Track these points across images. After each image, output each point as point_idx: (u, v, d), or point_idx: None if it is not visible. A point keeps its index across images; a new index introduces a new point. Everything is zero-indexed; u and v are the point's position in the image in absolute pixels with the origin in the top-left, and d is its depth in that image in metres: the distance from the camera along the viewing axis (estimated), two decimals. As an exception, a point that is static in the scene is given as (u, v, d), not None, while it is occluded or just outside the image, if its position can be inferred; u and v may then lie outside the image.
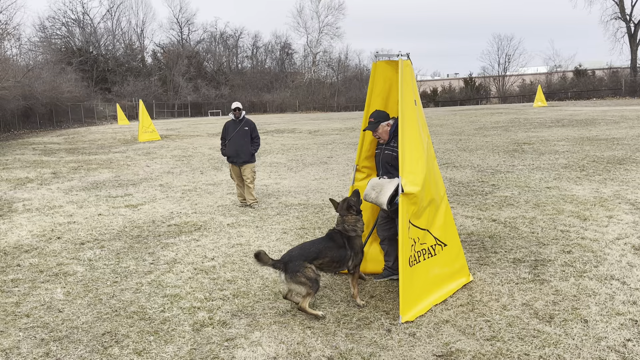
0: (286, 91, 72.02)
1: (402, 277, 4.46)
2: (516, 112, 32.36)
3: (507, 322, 4.33)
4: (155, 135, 25.00)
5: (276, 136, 24.60)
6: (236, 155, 9.24)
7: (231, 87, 70.89)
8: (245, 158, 9.26)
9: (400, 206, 4.51)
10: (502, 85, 73.76)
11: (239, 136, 9.26)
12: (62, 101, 42.93)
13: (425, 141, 5.11)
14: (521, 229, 7.07)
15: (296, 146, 19.61)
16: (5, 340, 4.34)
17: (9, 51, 45.92)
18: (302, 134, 25.14)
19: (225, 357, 3.96)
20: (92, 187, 12.01)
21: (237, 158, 9.25)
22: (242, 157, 9.24)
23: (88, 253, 6.79)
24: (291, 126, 31.57)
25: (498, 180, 10.60)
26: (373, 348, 4.00)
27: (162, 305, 5.01)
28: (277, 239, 7.15)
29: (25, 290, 5.53)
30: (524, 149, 15.23)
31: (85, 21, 67.07)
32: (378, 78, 5.20)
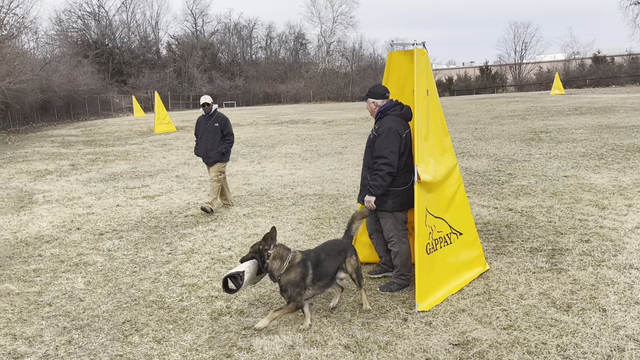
0: (300, 81, 71.86)
1: (418, 265, 4.46)
2: (533, 101, 31.96)
3: (524, 311, 4.32)
4: (171, 127, 25.17)
5: (290, 127, 24.62)
6: (205, 156, 8.35)
7: (245, 78, 70.97)
8: (215, 158, 8.26)
9: (416, 194, 4.50)
10: (519, 73, 72.84)
11: (208, 133, 8.30)
12: (79, 94, 43.37)
13: (439, 130, 5.09)
14: (538, 218, 7.01)
15: (311, 137, 19.61)
16: (28, 329, 4.44)
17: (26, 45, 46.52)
18: (317, 125, 25.12)
19: (243, 346, 4.01)
20: (110, 178, 12.16)
21: (207, 158, 8.35)
22: (212, 157, 8.28)
23: (107, 243, 6.90)
24: (305, 117, 31.56)
25: (515, 169, 10.52)
26: (389, 337, 4.03)
27: (181, 294, 5.08)
28: (292, 229, 7.19)
29: (47, 279, 5.64)
30: (541, 137, 15.07)
31: (101, 14, 67.52)
32: (393, 68, 5.18)
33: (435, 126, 5.00)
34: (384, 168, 4.64)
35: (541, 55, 74.69)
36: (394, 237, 4.92)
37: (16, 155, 17.72)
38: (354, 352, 3.82)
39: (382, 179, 4.65)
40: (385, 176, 4.64)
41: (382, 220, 4.98)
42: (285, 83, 71.88)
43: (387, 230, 4.95)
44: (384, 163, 4.64)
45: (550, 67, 67.73)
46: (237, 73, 71.08)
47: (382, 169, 4.65)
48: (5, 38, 30.47)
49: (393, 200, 4.79)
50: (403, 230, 4.95)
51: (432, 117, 4.95)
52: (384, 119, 4.83)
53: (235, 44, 79.08)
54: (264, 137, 20.18)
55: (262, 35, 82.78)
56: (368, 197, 4.74)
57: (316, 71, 75.39)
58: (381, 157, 4.66)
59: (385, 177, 4.64)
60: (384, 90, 4.99)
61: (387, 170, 4.64)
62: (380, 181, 4.65)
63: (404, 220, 4.96)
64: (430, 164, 4.73)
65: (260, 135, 20.99)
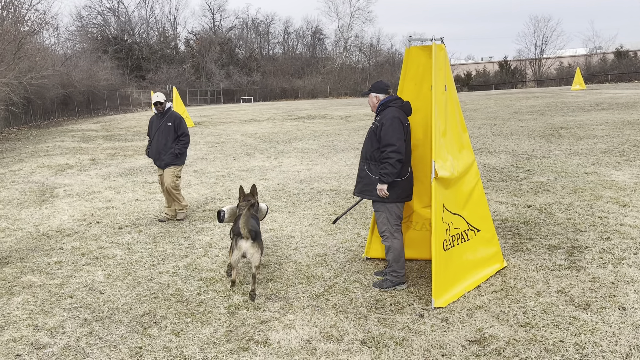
0: (317, 77, 71.81)
1: (435, 261, 4.45)
2: (553, 96, 31.54)
3: (541, 308, 4.29)
4: (189, 122, 25.33)
5: (307, 122, 24.64)
6: (158, 158, 7.66)
7: (263, 73, 71.13)
8: (167, 160, 7.59)
9: (434, 190, 4.49)
10: (539, 69, 71.89)
11: (160, 134, 7.61)
12: (99, 89, 43.94)
13: (457, 126, 5.06)
14: (557, 215, 6.94)
15: (327, 132, 19.61)
16: (50, 320, 4.53)
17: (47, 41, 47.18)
18: (334, 120, 25.10)
19: (259, 339, 4.05)
20: (129, 173, 12.31)
21: (159, 161, 7.67)
22: (164, 159, 7.60)
23: (126, 237, 7.00)
24: (322, 112, 31.55)
25: (533, 166, 10.41)
26: (405, 332, 4.03)
27: (198, 288, 5.14)
28: (309, 225, 7.21)
29: (68, 272, 5.74)
30: (561, 133, 14.87)
31: (120, 10, 68.19)
32: (411, 64, 5.15)
33: (453, 122, 4.97)
34: (393, 155, 4.63)
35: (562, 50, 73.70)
36: (386, 232, 4.92)
37: (38, 149, 18.02)
38: (370, 347, 3.84)
39: (392, 167, 4.64)
40: (395, 163, 4.63)
41: (376, 214, 4.98)
42: (302, 78, 71.89)
43: (380, 224, 4.95)
44: (393, 150, 4.63)
45: (571, 62, 66.70)
46: (255, 68, 71.28)
47: (391, 156, 4.63)
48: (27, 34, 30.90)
49: (391, 191, 4.77)
50: (396, 226, 4.93)
51: (450, 113, 4.92)
52: (385, 111, 4.84)
53: (252, 40, 79.26)
54: (280, 133, 20.23)
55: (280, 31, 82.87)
56: (380, 185, 4.73)
57: (333, 66, 75.23)
58: (389, 144, 4.65)
59: (395, 165, 4.64)
60: (386, 86, 5.03)
61: (396, 157, 4.63)
62: (391, 169, 4.65)
63: (398, 216, 4.94)
64: (448, 160, 4.71)
65: (277, 131, 21.04)
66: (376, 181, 4.81)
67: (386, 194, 4.74)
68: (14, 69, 25.56)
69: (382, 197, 4.78)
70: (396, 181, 4.75)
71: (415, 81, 5.22)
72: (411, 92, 5.19)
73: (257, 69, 71.36)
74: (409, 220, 5.50)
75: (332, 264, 5.66)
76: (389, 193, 4.75)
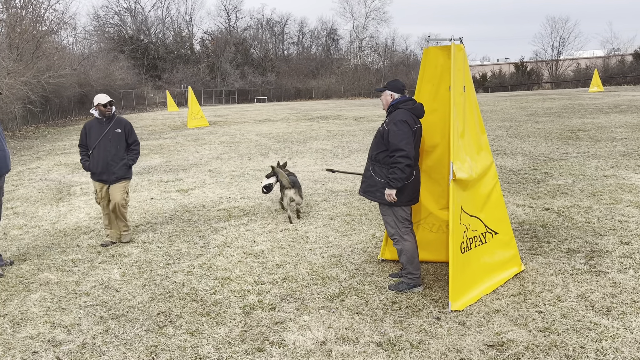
0: (332, 77, 71.79)
1: (452, 264, 4.40)
2: (570, 98, 31.17)
3: (561, 313, 4.21)
4: (204, 122, 25.47)
5: (322, 122, 24.62)
6: (106, 171, 6.50)
7: (277, 73, 71.31)
8: (119, 173, 6.54)
9: (452, 192, 4.44)
10: (556, 70, 71.15)
11: (107, 143, 6.50)
12: (115, 88, 44.32)
13: (476, 127, 5.01)
14: (576, 218, 6.84)
15: (342, 132, 19.57)
16: (67, 317, 4.56)
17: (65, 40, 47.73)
18: (348, 120, 25.04)
19: (275, 340, 4.03)
20: (145, 171, 12.38)
21: (108, 175, 6.52)
22: (116, 172, 6.51)
23: (142, 235, 7.02)
24: (337, 112, 31.50)
25: (551, 168, 10.28)
26: (422, 335, 3.98)
27: (213, 287, 5.13)
28: (324, 225, 7.18)
29: (84, 270, 5.78)
30: (579, 135, 14.68)
31: (137, 10, 68.83)
32: (429, 64, 5.09)
33: (472, 123, 4.92)
34: (402, 160, 4.57)
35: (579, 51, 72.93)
36: (395, 235, 4.87)
37: (55, 147, 18.22)
38: (386, 350, 3.80)
39: (401, 172, 4.59)
40: (404, 168, 4.58)
41: (384, 217, 4.94)
42: (316, 79, 71.93)
43: (388, 227, 4.91)
44: (402, 155, 4.57)
45: (589, 64, 65.90)
46: (269, 69, 71.47)
47: (400, 161, 4.58)
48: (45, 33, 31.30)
49: (398, 195, 4.72)
50: (405, 228, 4.87)
51: (469, 114, 4.87)
52: (394, 113, 4.78)
53: (267, 40, 79.52)
54: (295, 133, 20.23)
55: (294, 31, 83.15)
56: (388, 190, 4.68)
57: (348, 67, 75.17)
58: (398, 149, 4.59)
59: (404, 169, 4.58)
60: (402, 86, 4.96)
61: (405, 162, 4.57)
62: (400, 174, 4.59)
63: (406, 218, 4.88)
64: (466, 161, 4.65)
65: (291, 131, 21.04)
66: (380, 183, 4.77)
67: (394, 199, 4.69)
68: (33, 68, 25.90)
69: (390, 201, 4.73)
70: (403, 185, 4.70)
71: (433, 82, 5.16)
72: (429, 93, 5.14)
73: (272, 69, 71.53)
74: (425, 222, 5.45)
75: (347, 265, 5.63)
76: (400, 196, 4.70)
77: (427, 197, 5.29)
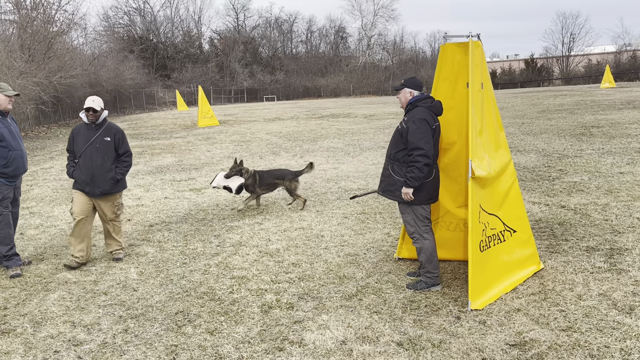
0: (340, 75, 71.67)
1: (472, 263, 4.36)
2: (582, 94, 30.90)
3: (583, 312, 4.17)
4: (214, 121, 25.52)
5: (331, 121, 24.58)
6: (90, 182, 5.76)
7: (286, 72, 71.32)
8: (105, 187, 5.81)
9: (470, 190, 4.40)
10: (566, 66, 70.58)
11: (94, 151, 5.79)
12: (125, 88, 44.58)
13: (494, 125, 4.97)
14: (593, 216, 6.77)
15: (352, 131, 19.53)
16: (86, 317, 4.57)
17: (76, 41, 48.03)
18: (358, 119, 24.99)
19: (294, 339, 4.01)
20: (157, 171, 12.43)
21: (93, 186, 5.77)
22: (101, 185, 5.78)
23: (157, 235, 7.04)
24: (346, 110, 31.45)
25: (565, 165, 10.19)
26: (443, 335, 3.95)
27: (231, 286, 5.13)
28: (338, 224, 7.17)
29: (101, 269, 5.80)
30: (593, 132, 14.54)
31: (146, 10, 69.03)
32: (446, 61, 5.05)
33: (490, 120, 4.88)
34: (420, 159, 4.54)
35: (590, 47, 72.21)
36: (415, 233, 4.84)
37: (67, 147, 18.32)
38: (407, 349, 3.77)
39: (419, 171, 4.56)
40: (422, 167, 4.55)
41: (403, 216, 4.91)
42: (325, 77, 71.85)
43: (408, 225, 4.88)
44: (420, 154, 4.54)
45: (600, 60, 65.33)
46: (278, 67, 71.50)
47: (418, 160, 4.55)
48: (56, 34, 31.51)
49: (417, 194, 4.68)
50: (425, 226, 4.84)
51: (487, 111, 4.83)
52: (413, 111, 4.74)
53: (276, 38, 79.51)
54: (305, 131, 20.22)
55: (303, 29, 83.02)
56: (405, 189, 4.65)
57: (356, 65, 74.99)
58: (416, 148, 4.56)
59: (422, 169, 4.55)
60: (420, 83, 4.93)
61: (424, 161, 4.54)
62: (418, 172, 4.56)
63: (425, 217, 4.85)
64: (484, 159, 4.62)
65: (301, 129, 21.03)
66: (399, 182, 4.74)
67: (411, 197, 4.66)
68: (44, 69, 26.09)
69: (408, 200, 4.70)
70: (422, 183, 4.67)
71: (450, 79, 5.12)
72: (446, 91, 5.09)
73: (280, 68, 71.56)
74: (442, 220, 5.42)
75: (363, 263, 5.61)
76: (415, 195, 4.67)
77: (444, 195, 5.25)
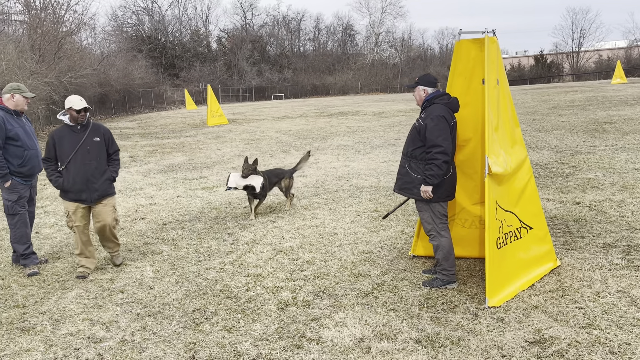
0: (348, 73, 71.59)
1: (489, 260, 4.34)
2: (593, 90, 30.66)
3: (602, 309, 4.14)
4: (223, 120, 25.58)
5: (340, 118, 24.56)
6: (86, 189, 5.42)
7: (294, 70, 71.33)
8: (102, 189, 5.52)
9: (487, 187, 4.38)
10: (576, 62, 70.04)
11: (86, 155, 5.43)
12: (134, 87, 44.81)
13: (510, 121, 4.94)
14: (609, 212, 6.71)
15: (362, 128, 19.50)
16: (104, 314, 4.60)
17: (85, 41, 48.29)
18: (367, 116, 24.95)
19: (312, 337, 4.02)
20: (168, 170, 12.48)
21: (89, 192, 5.44)
22: (98, 189, 5.48)
23: (171, 233, 7.07)
24: (355, 108, 31.41)
25: (579, 162, 10.11)
26: (461, 332, 3.94)
27: (246, 284, 5.15)
28: (351, 221, 7.16)
29: (117, 267, 5.83)
30: (605, 128, 14.43)
31: (154, 9, 69.31)
32: (461, 58, 5.02)
33: (506, 117, 4.85)
34: (439, 157, 4.52)
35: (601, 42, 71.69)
36: (432, 231, 4.82)
37: (79, 147, 18.41)
38: (426, 346, 3.76)
39: (438, 168, 4.54)
40: (441, 165, 4.53)
41: (420, 213, 4.89)
42: (333, 75, 71.81)
43: (425, 223, 4.86)
44: (439, 152, 4.52)
45: (611, 55, 64.80)
46: (286, 65, 71.52)
47: (437, 157, 4.53)
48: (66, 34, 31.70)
49: (435, 191, 4.66)
50: (442, 224, 4.82)
51: (503, 108, 4.80)
52: (431, 108, 4.71)
53: (283, 37, 79.53)
54: (314, 129, 20.22)
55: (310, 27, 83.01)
56: (424, 187, 4.64)
57: (364, 62, 74.88)
58: (435, 145, 4.54)
59: (441, 166, 4.54)
60: (434, 79, 4.90)
61: (442, 158, 4.52)
62: (437, 170, 4.55)
63: (443, 214, 4.83)
64: (500, 155, 4.59)
65: (310, 127, 21.04)
66: (416, 180, 4.72)
67: (430, 195, 4.65)
68: (55, 69, 26.27)
69: (427, 198, 4.69)
70: (441, 180, 4.65)
71: (465, 75, 5.10)
72: (461, 87, 5.07)
73: (288, 66, 71.57)
74: (457, 217, 5.40)
75: (378, 261, 5.60)
76: (433, 193, 4.66)
77: (459, 193, 5.23)
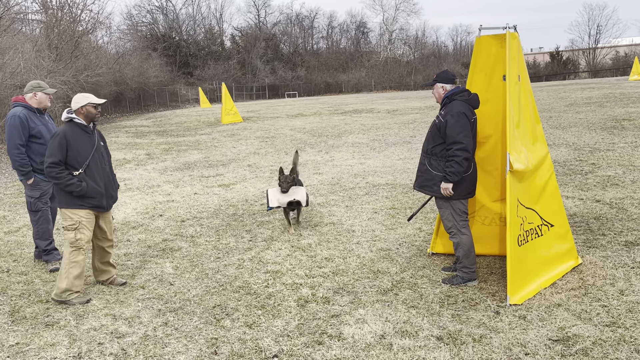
0: (361, 71, 71.38)
1: (510, 257, 4.32)
2: (610, 87, 30.25)
3: (626, 307, 4.09)
4: (238, 117, 25.65)
5: (354, 116, 24.51)
6: (105, 194, 5.01)
7: (307, 68, 71.30)
8: (115, 196, 5.24)
9: (508, 184, 4.35)
10: (593, 59, 69.18)
11: (101, 159, 5.06)
12: (149, 86, 45.12)
13: (531, 117, 4.90)
14: (630, 210, 6.63)
15: (376, 126, 19.45)
16: (126, 310, 4.65)
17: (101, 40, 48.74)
18: (381, 114, 24.87)
19: (333, 333, 4.03)
20: (185, 167, 12.55)
21: (107, 198, 5.06)
22: (113, 195, 5.17)
23: (189, 230, 7.12)
24: (369, 106, 31.31)
25: (598, 159, 10.00)
26: (483, 330, 3.92)
27: (266, 280, 5.17)
28: (368, 219, 7.15)
29: (137, 263, 5.89)
30: (624, 125, 14.24)
31: (168, 8, 69.67)
32: (481, 54, 4.99)
33: (527, 113, 4.81)
34: (459, 154, 4.50)
35: (618, 39, 70.64)
36: (452, 228, 4.80)
37: (95, 145, 18.59)
38: (448, 344, 3.75)
39: (458, 165, 4.52)
40: (462, 162, 4.51)
41: (440, 210, 4.87)
42: (346, 72, 71.63)
43: (445, 220, 4.83)
44: (460, 148, 4.50)
45: (628, 51, 63.89)
46: (299, 63, 71.50)
47: (458, 154, 4.50)
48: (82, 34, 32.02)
49: (456, 188, 4.64)
50: (462, 221, 4.79)
51: (524, 104, 4.77)
52: (451, 104, 4.68)
53: (297, 35, 79.50)
54: (329, 127, 20.20)
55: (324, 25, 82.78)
56: (445, 184, 4.61)
57: (378, 60, 74.59)
58: (456, 142, 4.52)
59: (462, 163, 4.51)
60: (452, 75, 4.87)
61: (463, 155, 4.50)
62: (457, 167, 4.53)
63: (463, 211, 4.80)
64: (522, 152, 4.56)
65: (325, 125, 21.02)
66: (437, 177, 4.70)
67: (451, 193, 4.62)
68: (71, 68, 26.55)
69: (447, 195, 4.66)
70: (461, 177, 4.63)
71: (485, 72, 5.06)
72: (481, 83, 5.04)
73: (302, 64, 71.54)
74: (477, 214, 5.36)
75: (396, 258, 5.59)
76: (454, 190, 4.63)
77: (479, 190, 5.19)
